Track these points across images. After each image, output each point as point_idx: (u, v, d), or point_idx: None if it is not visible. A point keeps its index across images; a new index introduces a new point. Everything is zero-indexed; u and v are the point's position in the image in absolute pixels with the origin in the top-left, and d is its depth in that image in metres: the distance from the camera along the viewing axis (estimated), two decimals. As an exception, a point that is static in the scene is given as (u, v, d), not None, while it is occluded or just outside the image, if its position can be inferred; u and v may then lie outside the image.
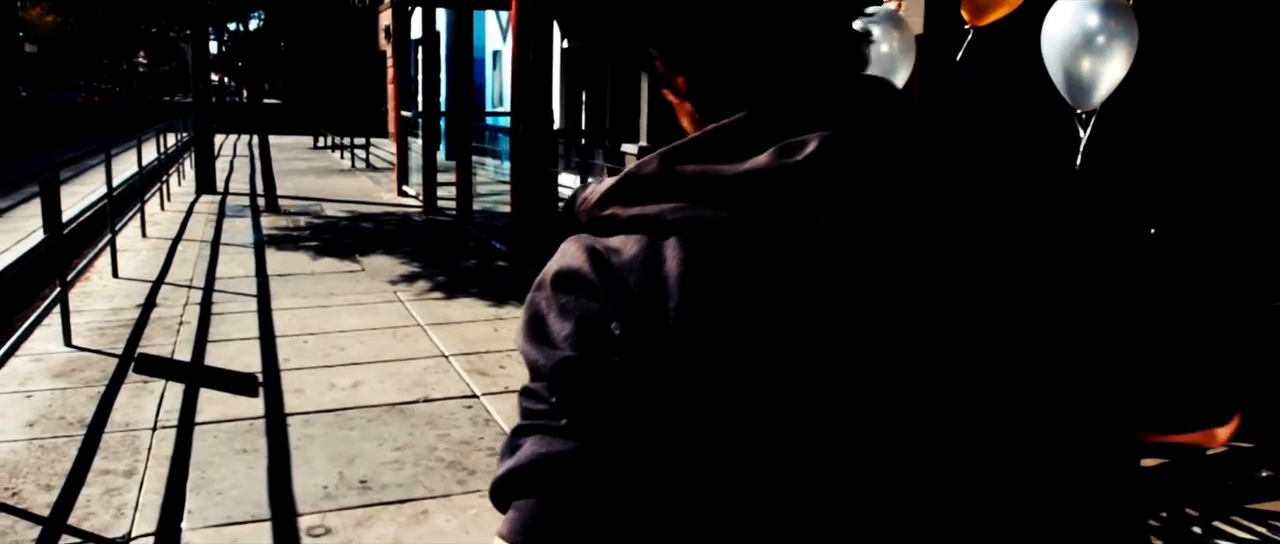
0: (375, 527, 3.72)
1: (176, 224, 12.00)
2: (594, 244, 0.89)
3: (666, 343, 0.82)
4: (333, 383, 5.44)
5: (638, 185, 0.89)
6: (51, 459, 4.42)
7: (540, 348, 0.87)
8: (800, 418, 0.81)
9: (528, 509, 0.84)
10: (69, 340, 6.32)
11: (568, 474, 0.83)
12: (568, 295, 0.88)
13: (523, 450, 0.85)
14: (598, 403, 0.84)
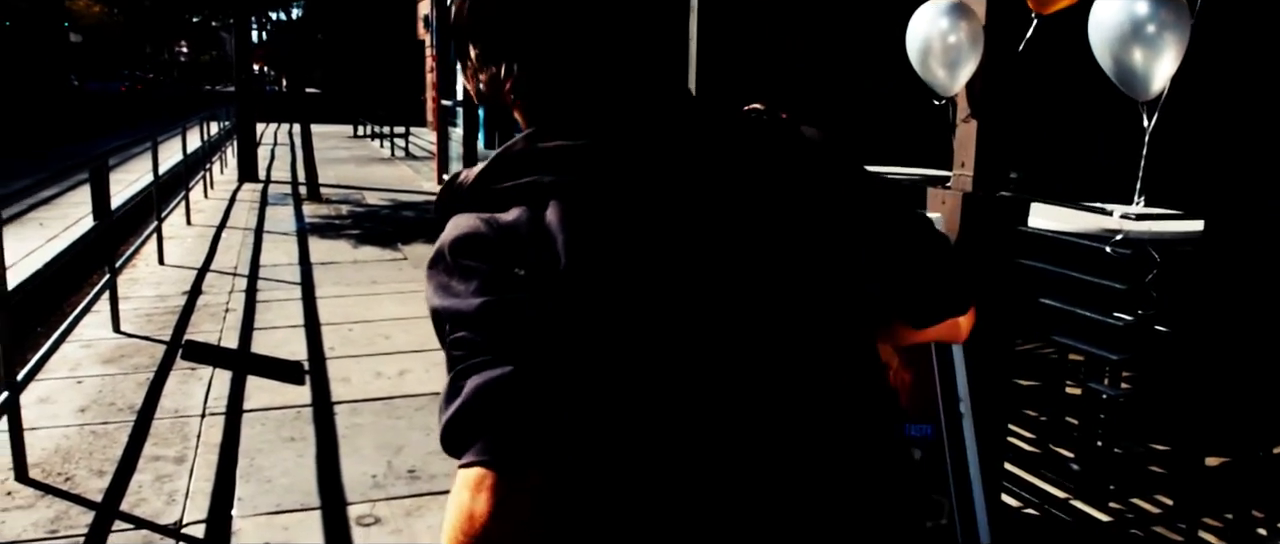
0: (425, 516, 3.70)
1: (220, 212, 12.10)
2: (480, 214, 1.09)
3: (558, 275, 1.03)
4: (379, 371, 5.43)
5: (511, 162, 1.11)
6: (103, 445, 4.44)
7: (457, 301, 1.06)
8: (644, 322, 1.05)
9: (482, 437, 1.00)
10: (118, 327, 6.37)
11: (508, 393, 1.00)
12: (469, 257, 1.07)
13: (465, 390, 1.02)
14: (518, 330, 1.02)
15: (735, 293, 1.10)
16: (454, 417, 1.02)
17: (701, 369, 1.08)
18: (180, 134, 11.83)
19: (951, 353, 3.40)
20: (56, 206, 12.62)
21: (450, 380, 1.04)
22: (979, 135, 3.49)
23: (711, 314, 1.08)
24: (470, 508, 0.99)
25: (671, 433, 1.07)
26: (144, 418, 4.78)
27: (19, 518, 3.71)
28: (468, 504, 0.99)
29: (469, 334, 1.04)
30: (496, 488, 0.98)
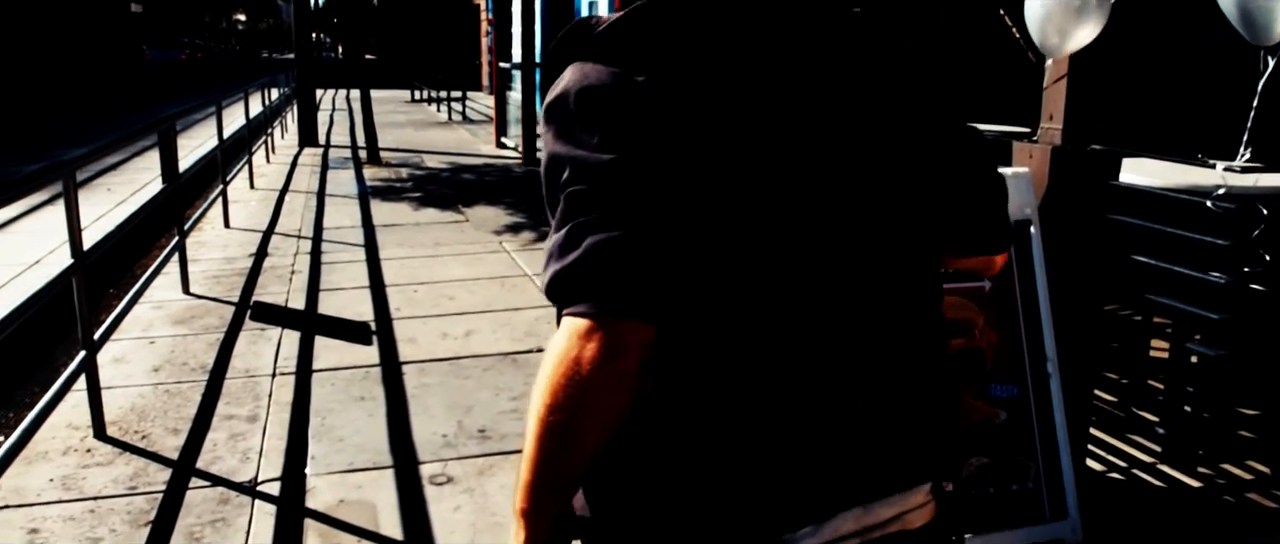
0: (497, 475, 3.67)
1: (282, 176, 12.20)
2: (610, 67, 1.08)
3: (684, 140, 1.05)
4: (445, 332, 5.42)
5: (648, 18, 1.11)
6: (177, 404, 4.49)
7: (579, 151, 1.06)
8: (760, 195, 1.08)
9: (595, 289, 1.02)
10: (187, 288, 6.44)
11: (625, 252, 1.02)
12: (596, 109, 1.07)
13: (582, 245, 1.03)
14: (640, 190, 1.04)
15: (847, 181, 1.14)
16: (567, 268, 1.04)
17: (805, 250, 1.11)
18: (242, 99, 11.93)
19: (1039, 312, 3.28)
20: (123, 172, 12.83)
21: (566, 232, 1.06)
22: (1069, 86, 3.34)
23: (823, 198, 1.12)
24: (577, 354, 1.02)
25: (769, 305, 1.10)
26: (216, 377, 4.82)
27: (99, 474, 3.75)
28: (574, 351, 1.03)
29: (589, 187, 1.05)
30: (605, 340, 1.02)
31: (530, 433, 1.08)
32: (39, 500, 3.55)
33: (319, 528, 3.30)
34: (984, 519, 3.12)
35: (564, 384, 1.03)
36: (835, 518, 1.13)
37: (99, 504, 3.53)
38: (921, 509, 1.21)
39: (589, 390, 1.03)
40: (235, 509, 3.49)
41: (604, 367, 1.02)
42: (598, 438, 1.07)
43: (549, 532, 1.14)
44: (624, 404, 1.06)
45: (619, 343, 1.03)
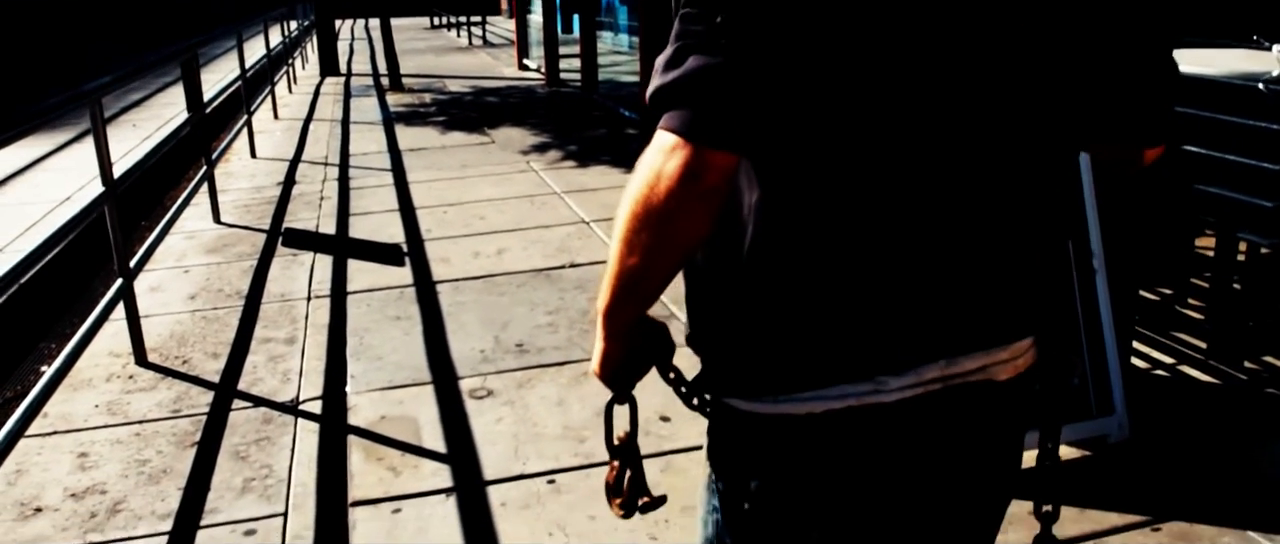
0: (537, 387, 3.67)
1: (305, 105, 12.15)
2: None
3: None
4: (477, 251, 5.40)
5: None
6: (215, 329, 4.51)
7: None
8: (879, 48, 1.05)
9: (687, 110, 1.04)
10: (218, 218, 6.45)
11: (725, 78, 1.03)
12: None
13: (686, 65, 1.05)
14: (754, 21, 1.03)
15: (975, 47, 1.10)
16: (669, 84, 1.06)
17: (919, 111, 1.09)
18: (262, 30, 11.83)
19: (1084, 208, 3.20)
20: (148, 109, 12.83)
21: (674, 50, 1.08)
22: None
23: (944, 62, 1.08)
24: (661, 167, 1.06)
25: (874, 161, 1.10)
26: (252, 302, 4.83)
27: (143, 399, 3.79)
28: (659, 164, 1.06)
29: (701, 10, 1.05)
30: (687, 159, 1.04)
31: (614, 239, 1.14)
32: (86, 425, 3.59)
33: (362, 444, 3.32)
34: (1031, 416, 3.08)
35: (644, 195, 1.08)
36: (924, 365, 1.17)
37: (144, 427, 3.56)
38: (1007, 364, 1.24)
39: (664, 205, 1.07)
40: (278, 428, 3.51)
41: (682, 185, 1.05)
42: (670, 252, 1.12)
43: (625, 333, 1.25)
44: (698, 225, 1.09)
45: (700, 165, 1.04)
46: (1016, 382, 1.26)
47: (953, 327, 1.19)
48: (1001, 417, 1.28)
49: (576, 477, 3.05)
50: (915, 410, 1.18)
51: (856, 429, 1.18)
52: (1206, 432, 3.23)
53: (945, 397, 1.20)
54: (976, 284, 1.19)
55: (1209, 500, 2.83)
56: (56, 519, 3.00)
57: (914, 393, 1.18)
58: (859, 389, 1.16)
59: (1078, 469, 3.03)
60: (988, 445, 1.29)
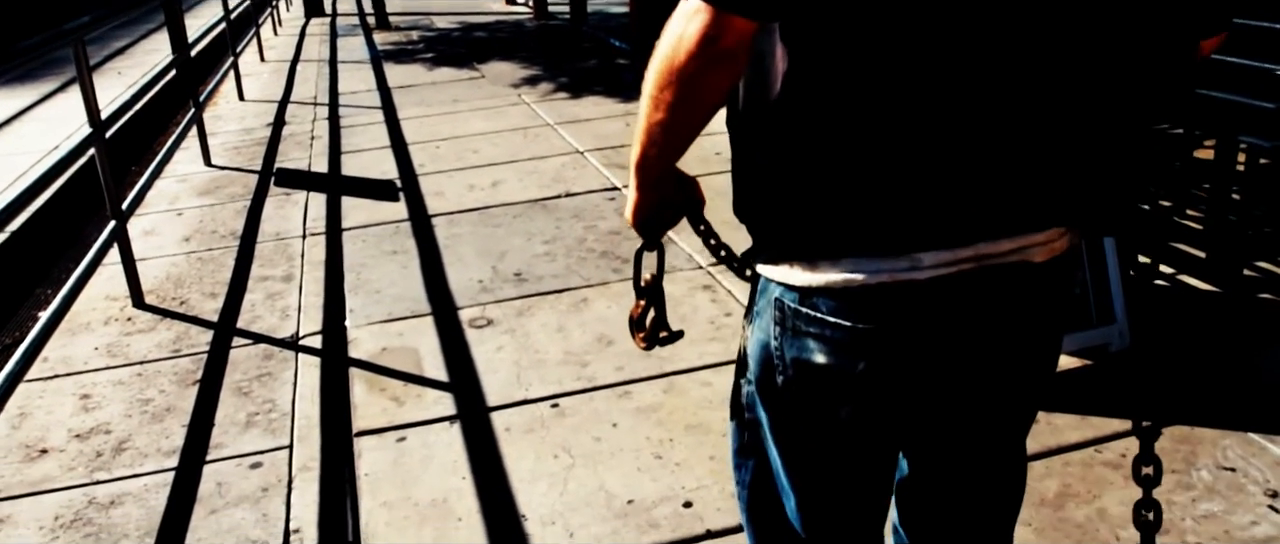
0: (536, 315, 3.67)
1: (291, 47, 11.99)
2: None
3: None
4: (471, 184, 5.36)
5: None
6: (211, 270, 4.49)
7: None
8: None
9: None
10: (208, 160, 6.39)
11: None
12: None
13: None
14: None
15: None
16: None
17: None
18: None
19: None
20: (132, 56, 12.68)
21: None
22: None
23: None
24: (682, 31, 1.11)
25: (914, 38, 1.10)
26: (247, 242, 4.81)
27: (142, 340, 3.78)
28: (681, 28, 1.11)
29: None
30: (706, 23, 1.09)
31: (643, 97, 1.21)
32: (87, 368, 3.58)
33: (364, 375, 3.32)
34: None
35: (668, 56, 1.13)
36: (958, 245, 1.18)
37: (145, 367, 3.56)
38: (1042, 247, 1.23)
39: (685, 66, 1.12)
40: (279, 364, 3.51)
41: (701, 47, 1.10)
42: (692, 110, 1.18)
43: (655, 184, 1.34)
44: (717, 85, 1.15)
45: (717, 28, 1.09)
46: (1053, 264, 1.25)
47: (989, 206, 1.18)
48: (1037, 298, 1.27)
49: (580, 400, 3.06)
50: (948, 289, 1.19)
51: (889, 305, 1.19)
52: (1206, 338, 3.23)
53: (979, 277, 1.20)
54: (1016, 165, 1.18)
55: (1210, 405, 2.84)
56: (62, 460, 3.00)
57: (947, 272, 1.18)
58: (894, 265, 1.17)
59: (1079, 377, 3.04)
60: (1022, 326, 1.28)
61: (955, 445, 1.44)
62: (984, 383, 1.31)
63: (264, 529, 2.59)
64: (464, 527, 2.49)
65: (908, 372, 1.24)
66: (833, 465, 1.37)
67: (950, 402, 1.32)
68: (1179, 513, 2.41)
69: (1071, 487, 2.52)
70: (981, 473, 1.47)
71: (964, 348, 1.25)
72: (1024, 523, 2.39)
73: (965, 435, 1.42)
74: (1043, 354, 1.36)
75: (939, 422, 1.39)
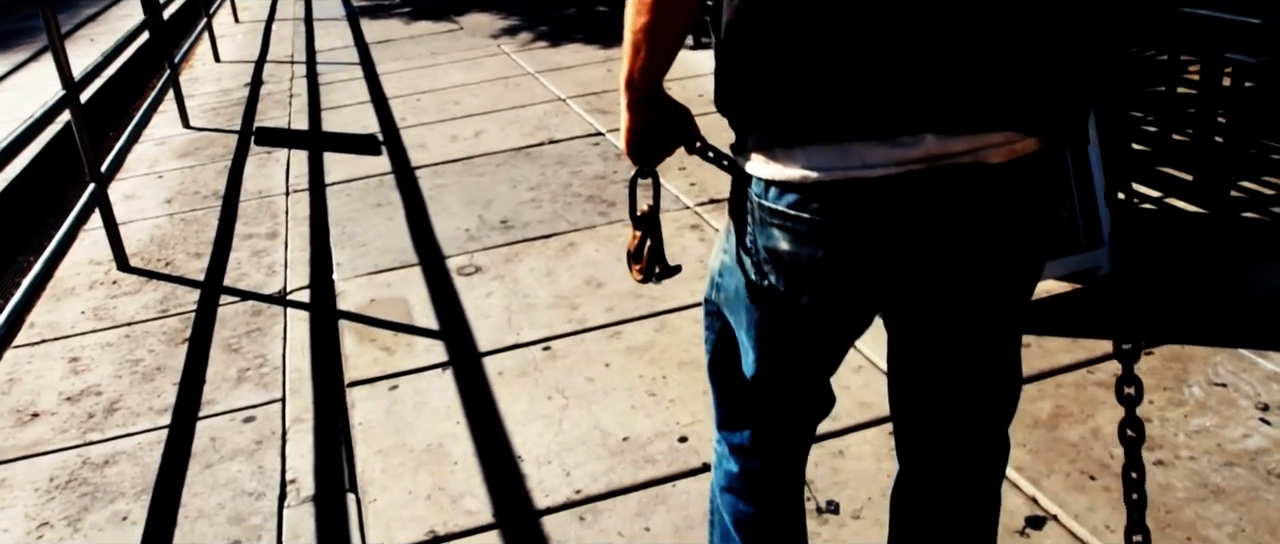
0: (525, 260, 3.65)
1: (265, 6, 11.80)
2: None
3: None
4: (454, 135, 5.31)
5: None
6: (195, 230, 4.45)
7: None
8: None
9: None
10: (187, 123, 6.31)
11: None
12: None
13: None
14: None
15: None
16: None
17: None
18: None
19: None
20: (103, 22, 12.45)
21: None
22: None
23: None
24: None
25: None
26: (230, 202, 4.76)
27: (129, 302, 3.75)
28: None
29: None
30: None
31: (625, 17, 1.30)
32: (74, 332, 3.56)
33: (354, 327, 3.30)
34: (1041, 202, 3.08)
35: None
36: (909, 139, 1.18)
37: (134, 329, 3.54)
38: (1000, 149, 1.21)
39: None
40: (268, 319, 3.49)
41: None
42: (667, 24, 1.29)
43: (643, 104, 1.40)
44: (686, 8, 1.26)
45: None
46: (1015, 166, 1.23)
47: (935, 101, 1.18)
48: (996, 198, 1.25)
49: (571, 342, 3.05)
50: (901, 188, 1.21)
51: (844, 201, 1.23)
52: (1195, 259, 3.24)
53: (932, 177, 1.20)
54: (965, 63, 1.17)
55: (1200, 323, 2.85)
56: (54, 423, 2.99)
57: (898, 171, 1.19)
58: (846, 163, 1.20)
59: (1068, 301, 3.05)
60: (982, 226, 1.28)
61: (923, 340, 1.47)
62: (944, 279, 1.33)
63: (260, 481, 2.58)
64: (460, 470, 2.49)
65: (863, 264, 1.29)
66: (791, 341, 1.43)
67: (910, 296, 1.38)
68: (1172, 429, 2.43)
69: (1064, 408, 2.54)
70: (954, 369, 1.48)
71: (919, 244, 1.27)
72: (1019, 444, 2.41)
73: (932, 331, 1.45)
74: (1012, 254, 1.34)
75: (904, 314, 1.45)
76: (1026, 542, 2.11)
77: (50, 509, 2.57)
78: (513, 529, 2.27)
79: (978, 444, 1.56)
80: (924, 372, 1.51)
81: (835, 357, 1.50)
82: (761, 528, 1.61)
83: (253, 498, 2.52)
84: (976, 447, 1.56)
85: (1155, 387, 2.59)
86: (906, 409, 1.59)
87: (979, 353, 1.46)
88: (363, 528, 2.33)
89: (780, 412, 1.54)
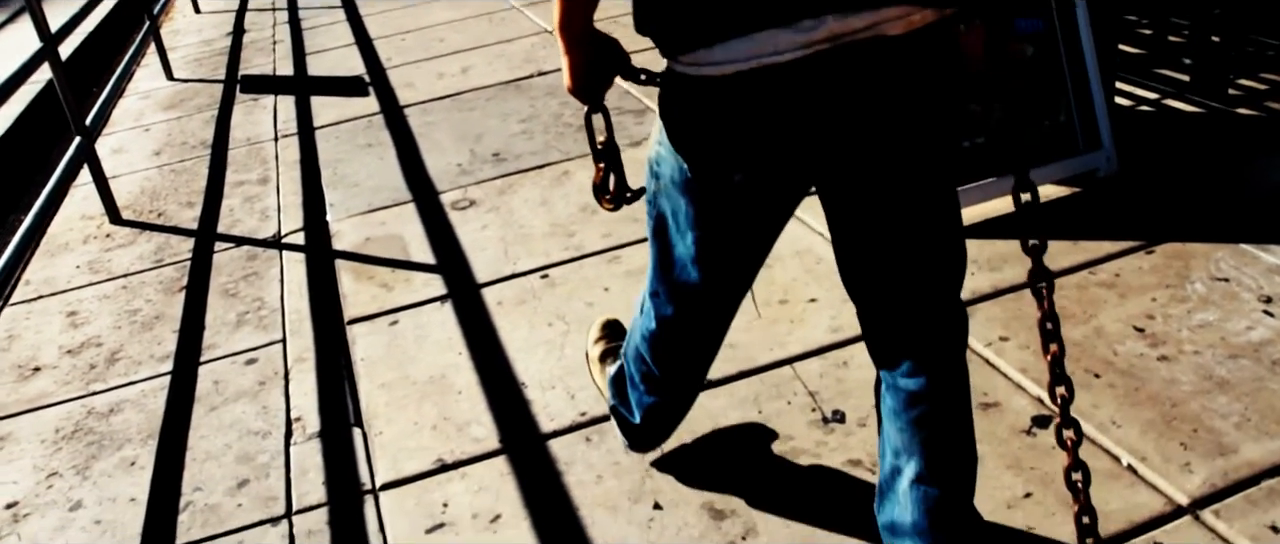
0: (519, 192, 3.62)
1: (244, -45, 11.61)
2: None
3: None
4: (441, 72, 5.24)
5: None
6: (186, 180, 4.41)
7: None
8: None
9: None
10: (170, 75, 6.24)
11: None
12: None
13: None
14: None
15: None
16: None
17: None
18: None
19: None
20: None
21: None
22: None
23: None
24: None
25: None
26: (219, 150, 4.72)
27: (124, 254, 3.73)
28: None
29: None
30: None
31: None
32: (70, 287, 3.54)
33: (351, 266, 3.28)
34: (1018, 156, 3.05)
35: None
36: (811, 23, 1.29)
37: (130, 280, 3.52)
38: (898, 21, 1.32)
39: None
40: (264, 263, 3.47)
41: None
42: None
43: (579, 42, 1.52)
44: None
45: None
46: (915, 36, 1.34)
47: None
48: (898, 66, 1.36)
49: (569, 269, 3.03)
50: (810, 67, 1.32)
51: (762, 85, 1.34)
52: (1193, 158, 3.21)
53: (837, 54, 1.31)
54: None
55: (1200, 220, 2.83)
56: (56, 375, 2.98)
57: (807, 52, 1.31)
58: (759, 51, 1.31)
59: (1068, 205, 3.03)
60: (887, 93, 1.38)
61: (854, 213, 1.56)
62: (861, 147, 1.42)
63: (265, 420, 2.58)
64: (464, 399, 2.49)
65: (783, 141, 1.40)
66: (722, 223, 1.55)
67: (834, 168, 1.48)
68: (1175, 325, 2.42)
69: (1067, 309, 2.53)
70: (888, 238, 1.55)
71: (832, 116, 1.37)
72: (1021, 347, 2.41)
73: (860, 203, 1.53)
74: (919, 117, 1.43)
75: (833, 190, 1.55)
76: (1033, 440, 2.11)
77: (58, 459, 2.57)
78: (520, 453, 2.27)
79: (929, 314, 1.62)
80: (861, 245, 1.59)
81: (764, 240, 1.62)
82: (659, 387, 1.87)
83: (259, 437, 2.52)
84: (928, 316, 1.62)
85: (1157, 285, 2.58)
86: (857, 288, 1.66)
87: (909, 220, 1.53)
88: (370, 460, 2.34)
89: (705, 292, 1.67)
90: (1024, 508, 1.95)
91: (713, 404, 2.35)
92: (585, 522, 2.05)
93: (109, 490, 2.42)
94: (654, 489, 2.11)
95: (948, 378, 1.65)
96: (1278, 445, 2.02)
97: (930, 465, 1.65)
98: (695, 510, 2.04)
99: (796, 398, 2.34)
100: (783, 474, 2.11)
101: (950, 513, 1.66)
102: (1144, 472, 2.00)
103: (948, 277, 1.61)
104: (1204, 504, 1.90)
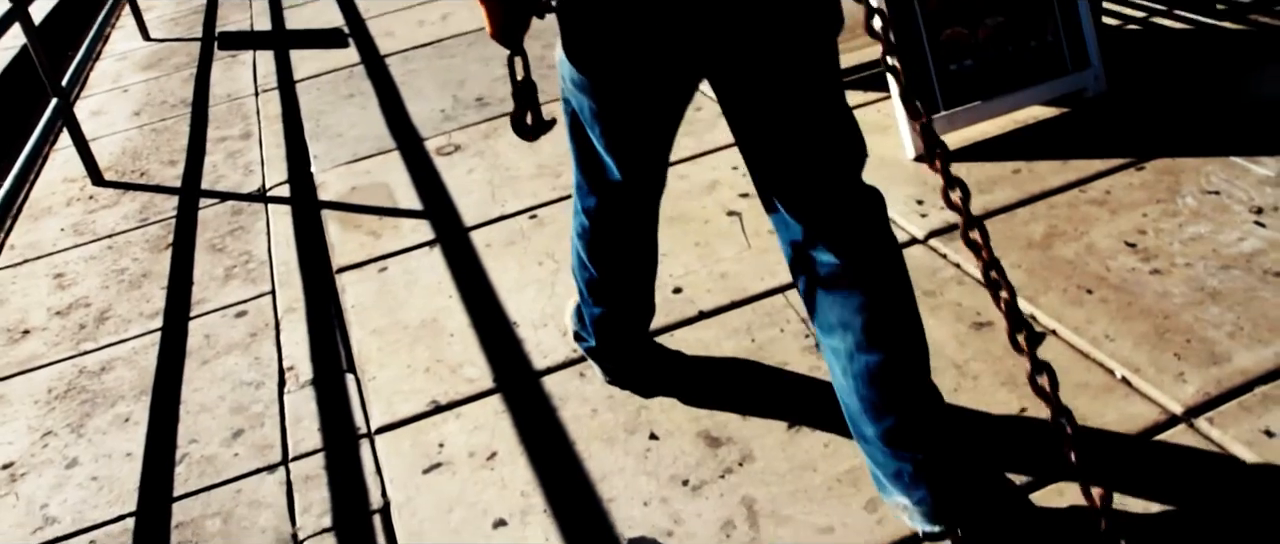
0: (504, 136, 3.58)
1: (216, -87, 11.41)
2: None
3: None
4: (421, 20, 5.17)
5: None
6: (167, 139, 4.36)
7: None
8: None
9: None
10: (146, 35, 6.14)
11: None
12: None
13: None
14: None
15: None
16: None
17: None
18: None
19: None
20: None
21: None
22: None
23: None
24: None
25: None
26: (199, 107, 4.66)
27: (108, 215, 3.69)
28: None
29: None
30: None
31: None
32: (56, 249, 3.51)
33: (338, 216, 3.26)
34: (1007, 76, 3.02)
35: None
36: None
37: (115, 240, 3.49)
38: None
39: None
40: (250, 217, 3.44)
41: None
42: None
43: None
44: None
45: None
46: None
47: None
48: None
49: (557, 208, 3.01)
50: None
51: None
52: (1182, 74, 3.18)
53: None
54: None
55: (1190, 135, 2.81)
56: (46, 337, 2.96)
57: None
58: None
59: (1056, 125, 3.01)
60: None
61: (742, 100, 1.62)
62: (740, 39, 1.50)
63: (257, 371, 2.57)
64: (457, 341, 2.48)
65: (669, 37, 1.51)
66: (624, 115, 1.68)
67: (716, 60, 1.56)
68: (1167, 239, 2.41)
69: (1058, 227, 2.52)
70: (778, 120, 1.60)
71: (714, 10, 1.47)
72: (1014, 265, 2.40)
73: (746, 87, 1.59)
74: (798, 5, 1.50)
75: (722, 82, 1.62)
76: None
77: (52, 419, 2.56)
78: (515, 391, 2.27)
79: (830, 193, 1.64)
80: (754, 129, 1.65)
81: (665, 129, 1.77)
82: (603, 294, 2.02)
83: (252, 387, 2.51)
84: (830, 196, 1.64)
85: (1148, 200, 2.57)
86: (757, 174, 1.72)
87: (795, 104, 1.58)
88: (365, 404, 2.33)
89: (621, 178, 1.81)
90: (1020, 423, 1.96)
91: (706, 334, 2.34)
92: (582, 455, 2.05)
93: (104, 447, 2.41)
94: (649, 420, 2.11)
95: (868, 254, 1.64)
96: (1270, 353, 2.02)
97: (868, 332, 1.62)
98: (691, 439, 2.04)
99: (789, 325, 2.33)
100: (777, 401, 2.11)
101: (898, 380, 1.63)
102: (1138, 383, 2.00)
103: (844, 157, 1.64)
104: (1198, 412, 1.91)
